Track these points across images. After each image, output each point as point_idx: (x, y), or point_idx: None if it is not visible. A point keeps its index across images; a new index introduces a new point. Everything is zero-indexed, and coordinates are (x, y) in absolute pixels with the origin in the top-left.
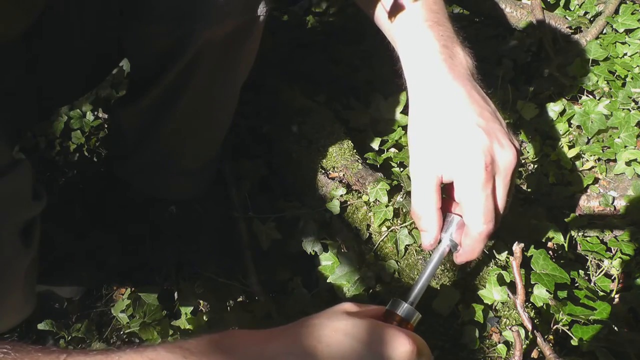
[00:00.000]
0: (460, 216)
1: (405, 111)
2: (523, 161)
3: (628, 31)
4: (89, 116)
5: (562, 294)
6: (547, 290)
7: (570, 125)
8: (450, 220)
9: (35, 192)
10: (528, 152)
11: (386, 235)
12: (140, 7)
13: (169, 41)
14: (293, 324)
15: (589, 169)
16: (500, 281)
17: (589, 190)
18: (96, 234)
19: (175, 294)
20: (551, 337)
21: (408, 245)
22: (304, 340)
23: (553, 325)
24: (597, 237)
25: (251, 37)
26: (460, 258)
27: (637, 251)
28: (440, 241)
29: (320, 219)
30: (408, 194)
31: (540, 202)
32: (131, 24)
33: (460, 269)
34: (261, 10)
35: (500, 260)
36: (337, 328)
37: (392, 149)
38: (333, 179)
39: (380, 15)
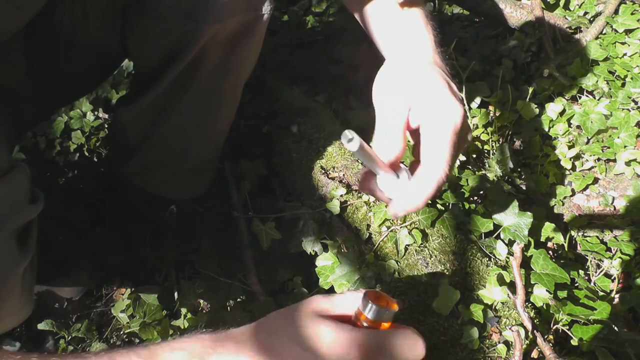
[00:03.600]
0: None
1: None
2: (524, 160)
3: (628, 31)
4: (89, 116)
5: (562, 294)
6: (547, 290)
7: (570, 125)
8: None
9: (32, 196)
10: (528, 152)
11: (386, 235)
12: (144, 4)
13: (172, 39)
14: (255, 329)
15: (589, 169)
16: (500, 281)
17: (589, 190)
18: (96, 234)
19: (175, 294)
20: (551, 337)
21: (408, 245)
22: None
23: (553, 325)
24: (597, 237)
25: (254, 36)
26: (402, 204)
27: (637, 251)
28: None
29: (320, 219)
30: None
31: (540, 202)
32: (135, 22)
33: (460, 268)
34: (265, 8)
35: (500, 260)
36: (295, 337)
37: None
38: (333, 179)
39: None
